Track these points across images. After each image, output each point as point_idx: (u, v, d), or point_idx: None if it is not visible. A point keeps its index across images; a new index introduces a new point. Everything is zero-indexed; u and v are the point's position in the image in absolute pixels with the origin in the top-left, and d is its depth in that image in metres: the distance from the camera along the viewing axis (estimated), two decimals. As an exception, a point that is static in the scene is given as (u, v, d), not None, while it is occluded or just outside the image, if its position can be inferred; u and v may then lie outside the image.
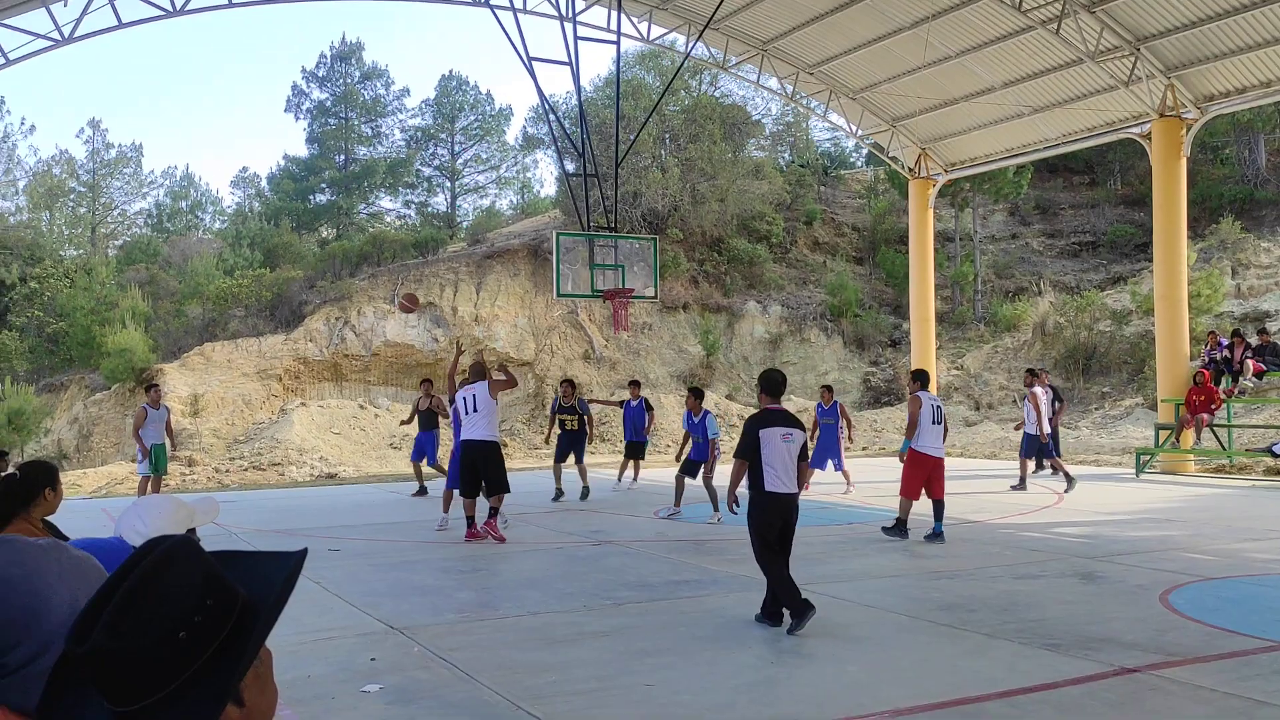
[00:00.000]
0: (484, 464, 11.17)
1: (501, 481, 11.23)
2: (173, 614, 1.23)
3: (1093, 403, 27.80)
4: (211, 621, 1.25)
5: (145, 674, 1.21)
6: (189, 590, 1.25)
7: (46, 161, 47.63)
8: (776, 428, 7.23)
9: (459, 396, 11.42)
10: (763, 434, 7.17)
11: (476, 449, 11.16)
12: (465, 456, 11.24)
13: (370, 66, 49.99)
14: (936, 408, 11.10)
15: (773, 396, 7.52)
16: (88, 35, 17.73)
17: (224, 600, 1.27)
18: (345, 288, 31.59)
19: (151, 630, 1.22)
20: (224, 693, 1.24)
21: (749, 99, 42.48)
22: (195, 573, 1.27)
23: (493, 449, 11.31)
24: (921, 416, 10.94)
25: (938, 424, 11.02)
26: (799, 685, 5.71)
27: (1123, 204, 40.02)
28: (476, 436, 11.17)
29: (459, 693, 5.65)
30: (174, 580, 1.25)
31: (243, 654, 1.26)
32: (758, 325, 34.17)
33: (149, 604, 1.23)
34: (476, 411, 11.18)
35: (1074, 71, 20.10)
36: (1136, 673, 5.77)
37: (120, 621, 1.21)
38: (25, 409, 28.34)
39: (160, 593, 1.24)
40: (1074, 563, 9.39)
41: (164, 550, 1.28)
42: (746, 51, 23.02)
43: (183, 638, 1.22)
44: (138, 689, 1.22)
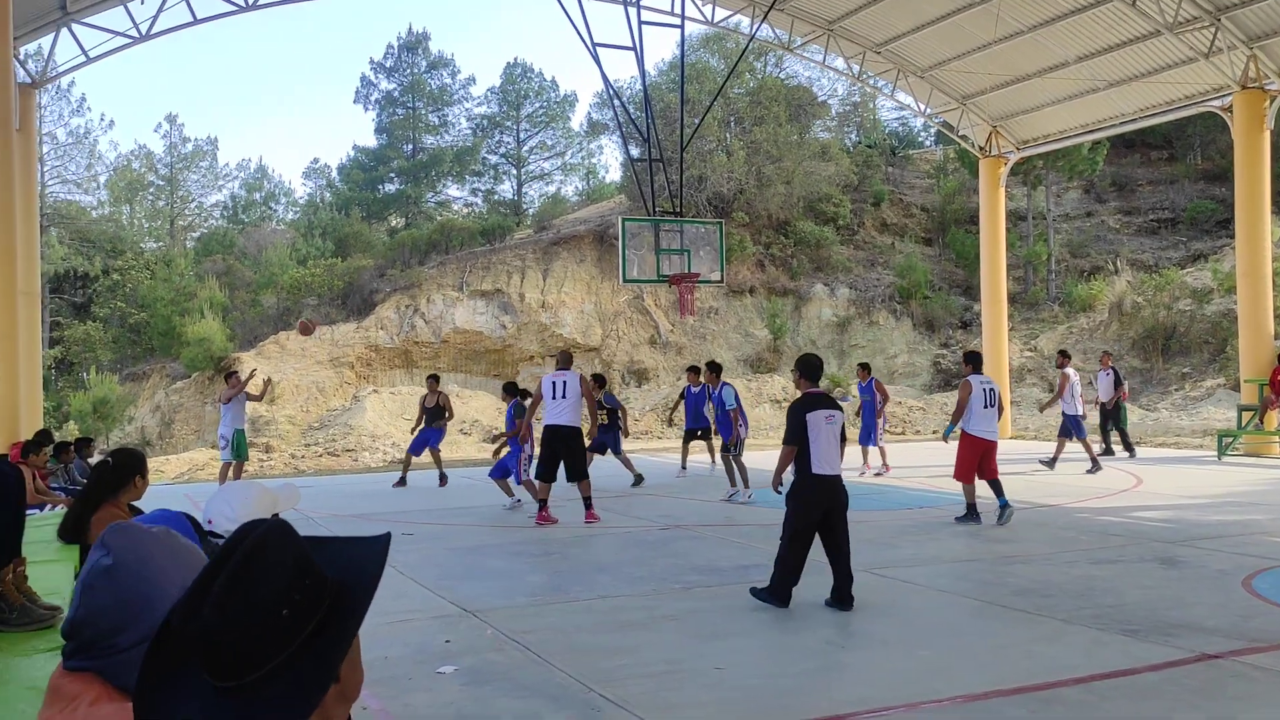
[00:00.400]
0: (567, 450, 11.31)
1: (583, 469, 11.39)
2: (275, 592, 1.29)
3: (1172, 384, 27.12)
4: (309, 601, 1.31)
5: (250, 650, 1.27)
6: (288, 570, 1.31)
7: (126, 156, 49.01)
8: (821, 410, 7.35)
9: (547, 382, 11.52)
10: (809, 418, 7.27)
11: (564, 434, 11.31)
12: (551, 440, 11.32)
13: (436, 56, 50.48)
14: (990, 390, 10.97)
15: (812, 381, 7.60)
16: (164, 32, 18.17)
17: (318, 582, 1.33)
18: (414, 276, 32.01)
19: (256, 608, 1.28)
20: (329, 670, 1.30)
21: (815, 80, 42.07)
22: (293, 554, 1.33)
23: (577, 435, 11.52)
24: (973, 400, 10.89)
25: (991, 407, 10.94)
26: (869, 669, 5.69)
27: (1203, 179, 38.84)
28: (564, 422, 11.33)
29: (532, 675, 5.73)
30: (274, 560, 1.31)
31: (344, 634, 1.31)
32: (825, 308, 33.90)
33: (253, 583, 1.29)
34: (565, 398, 11.33)
35: (1151, 44, 19.55)
36: (1218, 659, 5.64)
37: (227, 599, 1.27)
38: (110, 398, 29.27)
39: (263, 572, 1.30)
40: (1153, 547, 9.19)
41: (263, 532, 1.34)
42: (812, 31, 22.76)
43: (285, 615, 1.28)
44: (243, 664, 1.27)
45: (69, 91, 41.83)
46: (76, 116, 51.88)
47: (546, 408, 11.47)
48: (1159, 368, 28.04)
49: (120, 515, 5.05)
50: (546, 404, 11.48)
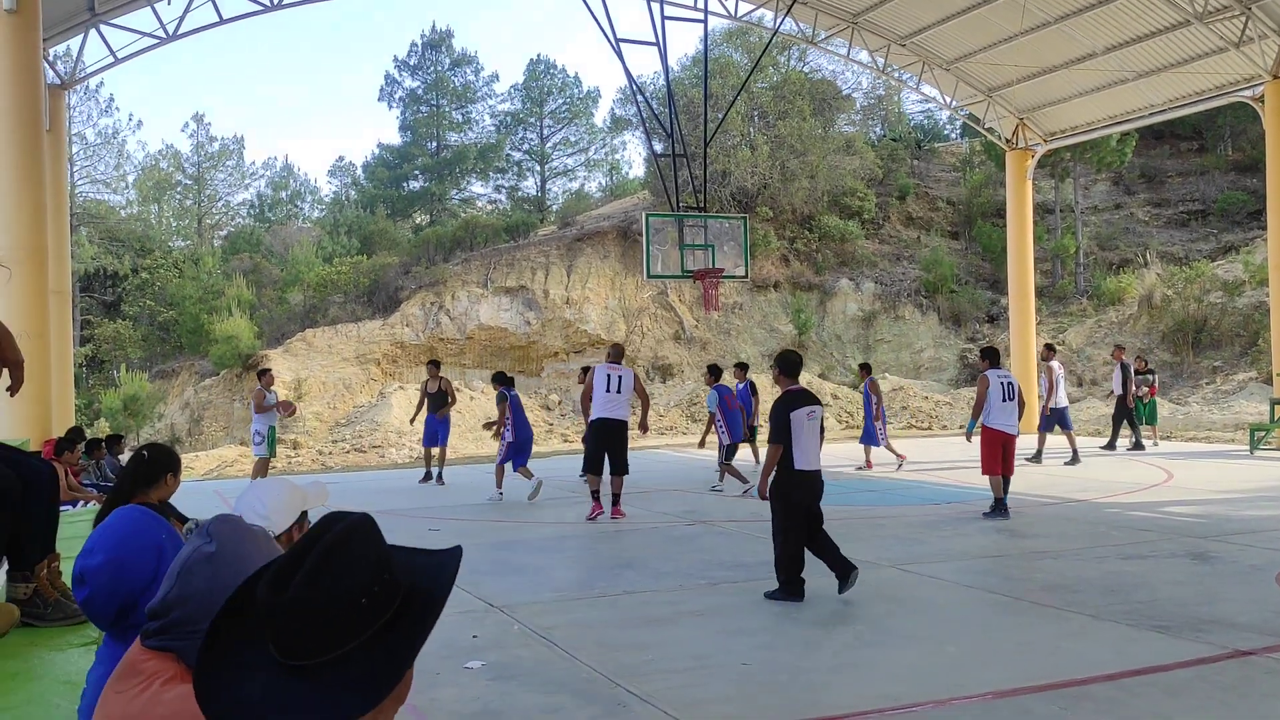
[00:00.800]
0: (616, 444, 11.36)
1: (625, 463, 11.44)
2: (359, 578, 1.33)
3: (1203, 377, 26.83)
4: (386, 595, 1.35)
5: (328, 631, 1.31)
6: (372, 561, 1.36)
7: (154, 156, 49.44)
8: (804, 408, 7.43)
9: (600, 374, 11.52)
10: (793, 416, 7.36)
11: (615, 427, 11.37)
12: (604, 434, 11.35)
13: (460, 53, 50.59)
14: (1008, 385, 11.08)
15: (791, 378, 7.68)
16: (190, 32, 18.32)
17: (393, 580, 1.37)
18: (439, 273, 32.13)
19: (342, 589, 1.32)
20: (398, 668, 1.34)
21: (839, 73, 41.84)
22: (376, 548, 1.38)
23: (626, 429, 11.65)
24: (991, 394, 10.99)
25: (1010, 400, 11.04)
26: (896, 665, 5.66)
27: (1234, 170, 38.35)
28: (619, 415, 11.42)
29: (558, 670, 5.75)
30: (361, 549, 1.36)
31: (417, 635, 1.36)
32: (850, 303, 33.75)
33: (342, 565, 1.34)
34: (620, 393, 11.40)
35: (1181, 34, 19.32)
36: (1251, 655, 5.58)
37: (317, 576, 1.32)
38: (140, 395, 29.59)
39: (351, 557, 1.35)
40: (1185, 542, 9.10)
41: (351, 522, 1.39)
42: (836, 25, 22.64)
43: (364, 604, 1.32)
44: (316, 644, 1.32)
45: (97, 92, 42.31)
46: (105, 117, 52.35)
47: (599, 400, 11.42)
48: (1190, 361, 27.75)
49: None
50: (599, 396, 11.43)
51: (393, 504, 13.40)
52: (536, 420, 25.83)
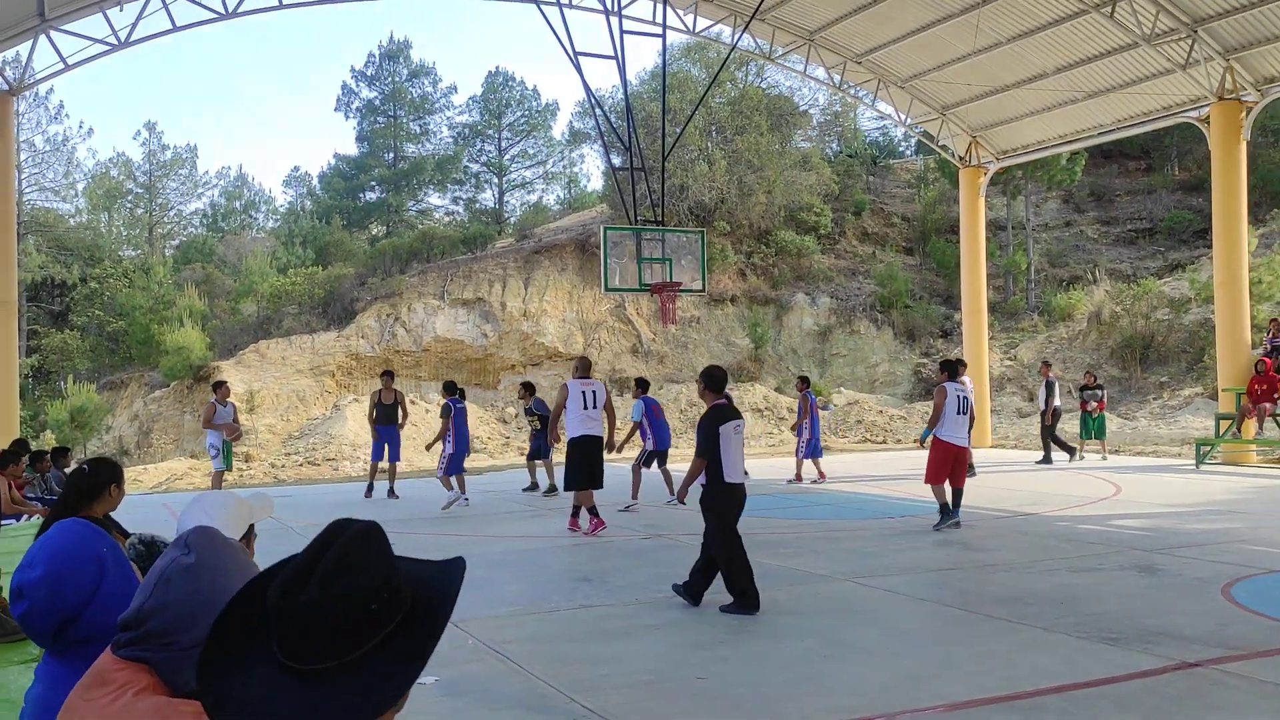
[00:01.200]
0: (598, 459, 11.35)
1: (601, 478, 11.42)
2: (371, 584, 1.35)
3: (1151, 393, 27.31)
4: (394, 602, 1.37)
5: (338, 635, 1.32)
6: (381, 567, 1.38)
7: (105, 164, 48.76)
8: (730, 421, 7.59)
9: (576, 389, 11.36)
10: (722, 430, 7.50)
11: (596, 444, 11.36)
12: (587, 450, 11.26)
13: (418, 65, 50.45)
14: (963, 398, 11.22)
15: (717, 393, 7.81)
16: (143, 39, 18.07)
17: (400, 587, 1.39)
18: (396, 284, 31.92)
19: (354, 594, 1.33)
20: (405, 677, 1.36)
21: (796, 89, 42.22)
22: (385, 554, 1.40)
23: (602, 445, 11.67)
24: (946, 406, 11.11)
25: (963, 414, 11.18)
26: (852, 678, 5.68)
27: (1180, 189, 39.19)
28: (598, 432, 11.40)
29: (513, 685, 5.70)
30: (371, 555, 1.38)
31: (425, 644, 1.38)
32: (806, 317, 33.98)
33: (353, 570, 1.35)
34: (596, 408, 11.33)
35: (1129, 55, 19.71)
36: (1198, 667, 5.67)
37: (331, 580, 1.33)
38: (87, 406, 29.04)
39: (362, 563, 1.36)
40: (1133, 555, 9.24)
41: (362, 528, 1.41)
42: (793, 42, 22.84)
43: (374, 609, 1.34)
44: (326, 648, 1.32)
45: (47, 99, 41.62)
46: (54, 124, 51.53)
47: (575, 416, 11.27)
48: (1137, 377, 28.24)
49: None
50: (575, 413, 11.27)
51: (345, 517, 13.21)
52: (493, 433, 25.73)
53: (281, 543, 10.76)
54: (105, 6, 17.39)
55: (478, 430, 26.31)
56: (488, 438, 26.11)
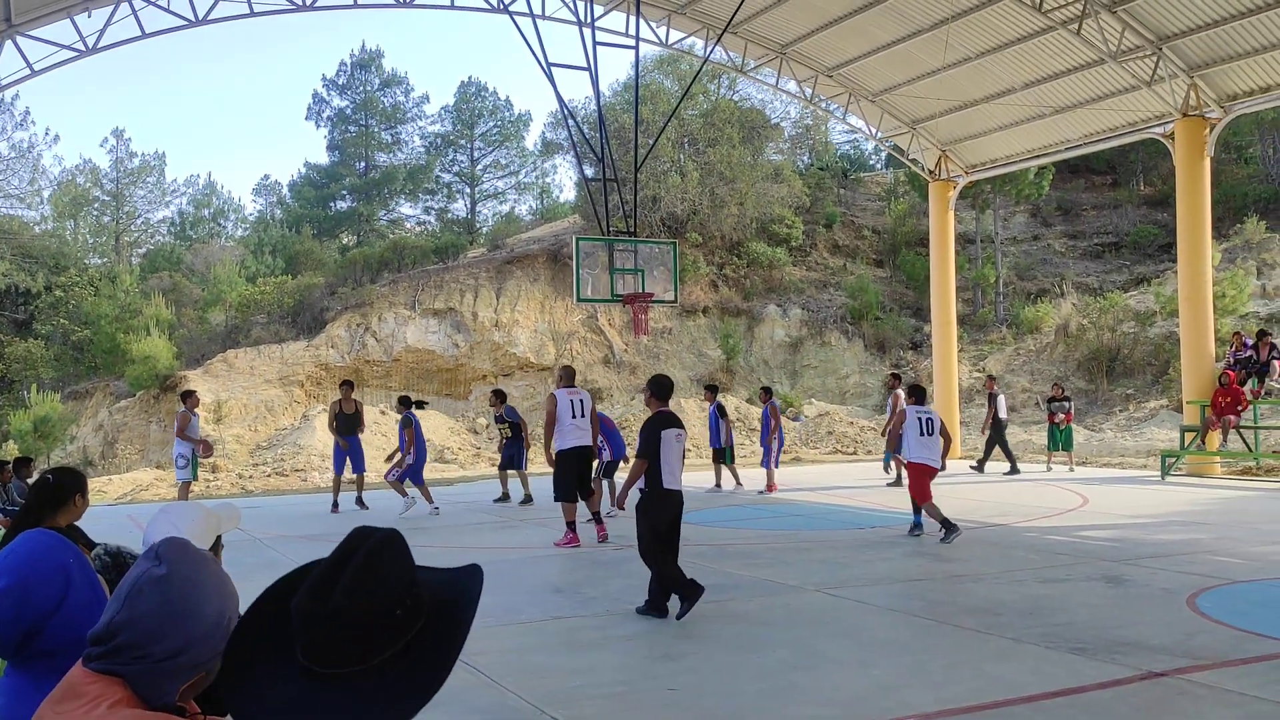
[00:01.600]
0: (587, 470, 11.33)
1: (589, 488, 11.43)
2: (395, 589, 1.37)
3: (1117, 405, 27.61)
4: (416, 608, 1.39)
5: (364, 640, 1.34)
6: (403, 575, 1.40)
7: (71, 171, 48.22)
8: (672, 429, 7.78)
9: (564, 399, 11.16)
10: (663, 435, 7.70)
11: (586, 455, 11.30)
12: (578, 461, 11.16)
13: (390, 74, 50.29)
14: (927, 420, 11.40)
15: (662, 400, 8.02)
16: (111, 45, 17.89)
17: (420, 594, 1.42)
18: (366, 294, 31.75)
19: (379, 600, 1.35)
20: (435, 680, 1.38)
21: (768, 102, 42.48)
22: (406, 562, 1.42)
23: (592, 455, 11.60)
24: (908, 429, 11.41)
25: (928, 435, 11.39)
26: (823, 689, 5.69)
27: (1145, 204, 39.73)
28: (587, 442, 11.27)
29: (484, 698, 5.66)
30: (394, 562, 1.40)
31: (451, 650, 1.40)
32: (778, 328, 34.11)
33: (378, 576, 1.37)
34: (585, 416, 11.21)
35: (1095, 72, 19.98)
36: (1164, 677, 5.72)
37: (357, 586, 1.35)
38: (51, 416, 28.64)
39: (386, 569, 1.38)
40: (1100, 566, 9.32)
41: (383, 536, 1.43)
42: (765, 55, 22.98)
43: (398, 615, 1.36)
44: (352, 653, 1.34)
45: (12, 105, 41.15)
46: (20, 130, 50.80)
47: (567, 427, 11.09)
48: (1103, 389, 28.54)
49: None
50: (566, 423, 11.09)
51: (316, 529, 13.12)
52: (464, 444, 25.61)
53: (249, 554, 10.64)
54: (73, 12, 17.21)
55: (448, 441, 26.19)
56: (459, 448, 25.99)
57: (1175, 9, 17.83)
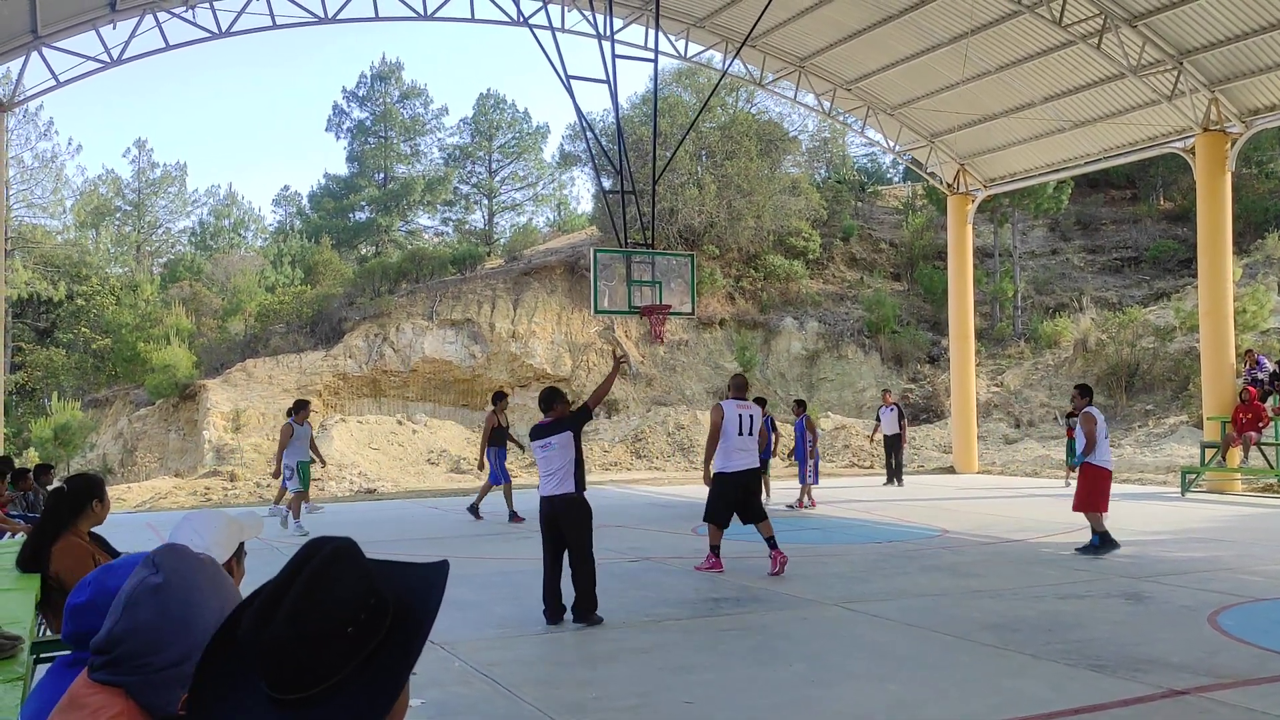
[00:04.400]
0: (747, 493, 10.11)
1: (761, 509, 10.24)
2: (343, 608, 1.31)
3: (1136, 420, 27.42)
4: (373, 620, 1.33)
5: (315, 663, 1.29)
6: (356, 588, 1.34)
7: (93, 181, 48.61)
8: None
9: (732, 412, 10.00)
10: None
11: (750, 480, 10.13)
12: (738, 486, 9.99)
13: (409, 86, 50.55)
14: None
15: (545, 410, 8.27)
16: (136, 57, 18.08)
17: (380, 603, 1.35)
18: (384, 304, 31.87)
19: (325, 622, 1.30)
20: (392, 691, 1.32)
21: (785, 115, 42.49)
22: (361, 573, 1.36)
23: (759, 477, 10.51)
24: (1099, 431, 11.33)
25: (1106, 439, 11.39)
26: (839, 704, 5.66)
27: (1165, 219, 39.50)
28: (754, 464, 10.15)
29: (499, 708, 5.66)
30: (344, 577, 1.34)
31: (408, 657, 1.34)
32: (794, 341, 34.05)
33: (324, 597, 1.31)
34: (752, 435, 10.11)
35: (1115, 86, 19.91)
36: (1185, 695, 5.67)
37: (299, 611, 1.30)
38: (71, 424, 28.85)
39: (333, 588, 1.32)
40: (1119, 583, 9.25)
41: (333, 549, 1.37)
42: (784, 68, 23.01)
43: (350, 632, 1.30)
44: (306, 677, 1.29)
45: (37, 115, 41.52)
46: (44, 140, 51.49)
47: (730, 445, 9.92)
48: (1123, 404, 28.36)
49: (82, 544, 4.97)
50: (730, 440, 9.91)
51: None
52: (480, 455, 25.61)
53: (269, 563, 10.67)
54: (98, 24, 17.41)
55: (464, 451, 26.22)
56: (474, 459, 26.00)
57: (1196, 23, 17.77)
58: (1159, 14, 17.74)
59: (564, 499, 7.97)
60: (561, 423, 8.08)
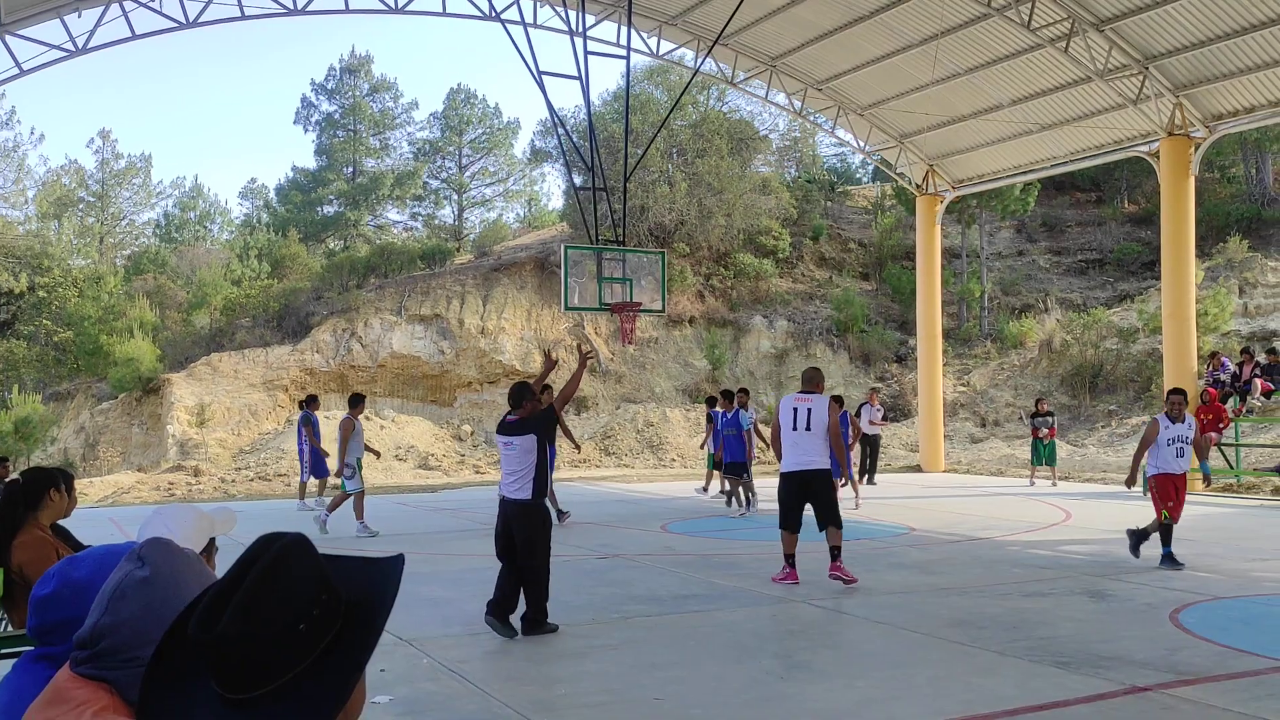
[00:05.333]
0: (813, 494, 9.26)
1: (835, 513, 9.32)
2: (294, 606, 1.29)
3: (1100, 420, 27.75)
4: (326, 617, 1.31)
5: (265, 663, 1.27)
6: (308, 585, 1.32)
7: (56, 171, 47.88)
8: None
9: (789, 407, 9.25)
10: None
11: (806, 480, 9.20)
12: (796, 486, 9.21)
13: (379, 79, 50.17)
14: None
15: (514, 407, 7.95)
16: (101, 46, 17.83)
17: (334, 599, 1.33)
18: (352, 299, 31.65)
19: (275, 620, 1.28)
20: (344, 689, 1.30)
21: (756, 114, 42.59)
22: (312, 570, 1.34)
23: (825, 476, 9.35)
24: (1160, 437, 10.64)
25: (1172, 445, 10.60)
26: (809, 700, 5.69)
27: (1129, 222, 40.00)
28: (808, 464, 9.15)
29: (469, 705, 5.65)
30: (295, 575, 1.32)
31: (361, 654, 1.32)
32: (763, 340, 34.17)
33: (274, 595, 1.29)
34: (809, 430, 9.11)
35: (1082, 89, 20.13)
36: (1147, 691, 5.75)
37: (247, 610, 1.27)
38: (32, 417, 28.39)
39: (283, 585, 1.30)
40: (1083, 580, 9.37)
41: (284, 545, 1.34)
42: (755, 67, 23.07)
43: (301, 630, 1.29)
44: (254, 677, 1.27)
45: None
46: (5, 130, 50.47)
47: (786, 442, 9.20)
48: (1086, 404, 28.68)
49: (44, 536, 4.90)
50: (786, 436, 9.18)
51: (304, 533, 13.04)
52: (448, 450, 25.53)
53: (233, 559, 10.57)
54: (63, 12, 17.16)
55: (432, 448, 26.11)
56: (443, 455, 25.91)
57: (1162, 29, 18.00)
58: (1126, 18, 17.96)
59: (518, 505, 7.55)
60: (526, 424, 7.64)
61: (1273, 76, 17.90)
